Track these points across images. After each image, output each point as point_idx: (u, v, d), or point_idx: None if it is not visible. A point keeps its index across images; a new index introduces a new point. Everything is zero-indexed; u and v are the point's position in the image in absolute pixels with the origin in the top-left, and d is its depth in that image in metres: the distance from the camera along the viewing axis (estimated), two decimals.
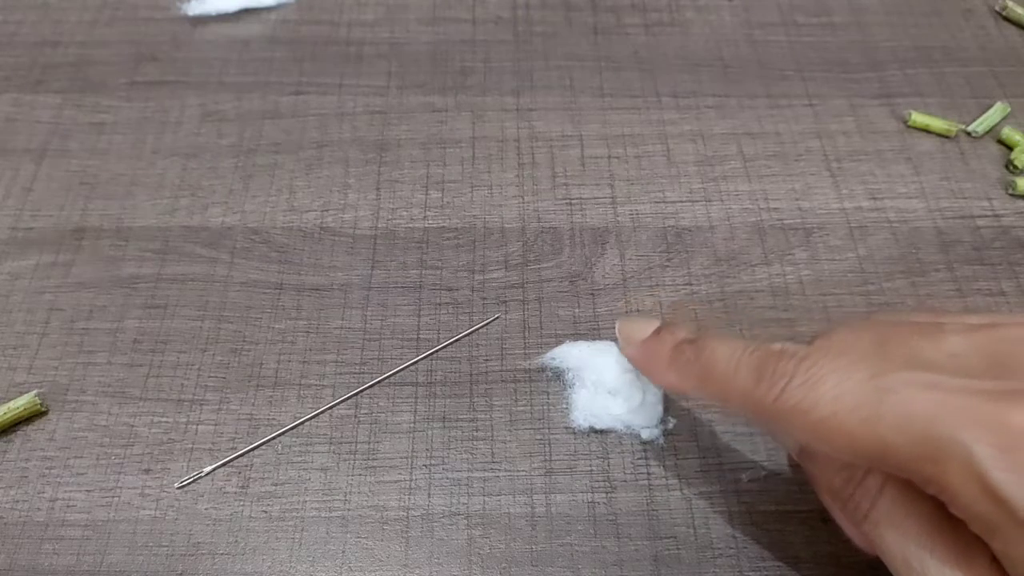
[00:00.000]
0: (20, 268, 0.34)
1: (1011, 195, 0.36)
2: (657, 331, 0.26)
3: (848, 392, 0.20)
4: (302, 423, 0.30)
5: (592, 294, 0.33)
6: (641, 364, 0.27)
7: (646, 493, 0.28)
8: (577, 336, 0.32)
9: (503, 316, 0.32)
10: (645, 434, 0.29)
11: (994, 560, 0.19)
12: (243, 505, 0.28)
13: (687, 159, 0.37)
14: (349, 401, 0.30)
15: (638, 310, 0.32)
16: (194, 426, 0.29)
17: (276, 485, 0.28)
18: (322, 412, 0.30)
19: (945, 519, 0.20)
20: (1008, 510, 0.17)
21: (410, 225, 0.35)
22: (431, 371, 0.31)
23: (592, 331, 0.32)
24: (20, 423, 0.29)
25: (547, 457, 0.29)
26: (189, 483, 0.28)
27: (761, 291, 0.33)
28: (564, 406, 0.30)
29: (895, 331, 0.23)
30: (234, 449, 0.29)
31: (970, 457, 0.18)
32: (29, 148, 0.37)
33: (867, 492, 0.21)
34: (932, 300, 0.33)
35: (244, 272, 0.33)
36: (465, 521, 0.28)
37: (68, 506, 0.28)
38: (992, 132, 0.38)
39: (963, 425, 0.18)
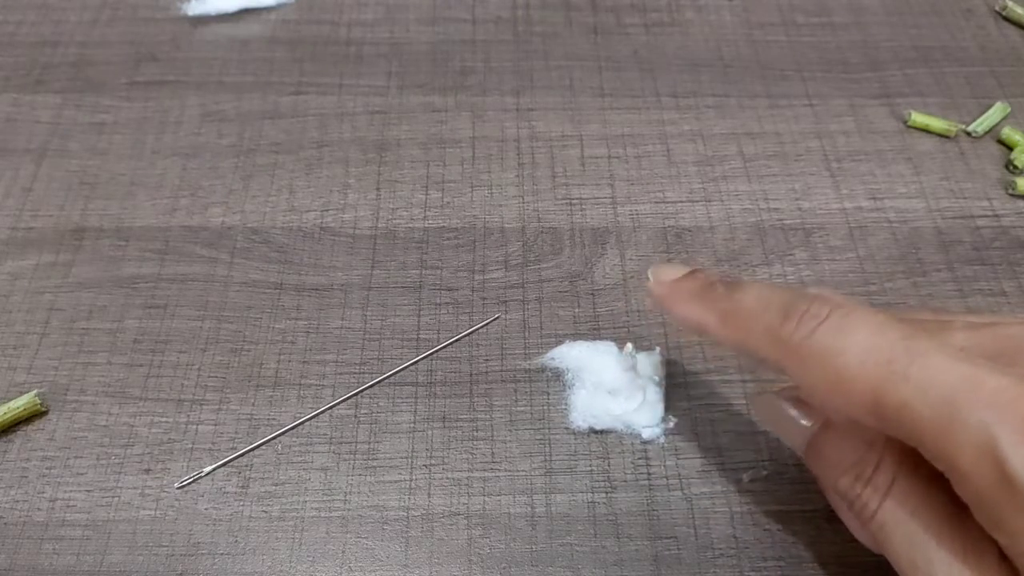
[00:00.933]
0: (20, 268, 0.34)
1: (1011, 195, 0.36)
2: (691, 272, 0.25)
3: (880, 345, 0.19)
4: (302, 423, 0.30)
5: (592, 294, 0.33)
6: (666, 297, 0.26)
7: (646, 493, 0.28)
8: (577, 336, 0.32)
9: (503, 316, 0.32)
10: (645, 434, 0.29)
11: (1001, 558, 0.19)
12: (243, 505, 0.28)
13: (687, 159, 0.37)
14: (349, 401, 0.30)
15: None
16: (194, 426, 0.29)
17: (276, 485, 0.28)
18: (322, 412, 0.30)
19: (952, 518, 0.20)
20: (1019, 499, 0.17)
21: (410, 225, 0.35)
22: (431, 371, 0.31)
23: (592, 331, 0.32)
24: (20, 423, 0.29)
25: (547, 457, 0.29)
26: (189, 483, 0.28)
27: None
28: (564, 406, 0.30)
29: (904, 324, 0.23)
30: (234, 449, 0.29)
31: (989, 438, 0.17)
32: (29, 148, 0.37)
33: (875, 491, 0.21)
34: (933, 300, 0.33)
35: (244, 272, 0.33)
36: (465, 521, 0.28)
37: (68, 506, 0.28)
38: (992, 132, 0.38)
39: (988, 403, 0.18)
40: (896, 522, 0.20)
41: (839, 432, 0.23)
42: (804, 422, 0.24)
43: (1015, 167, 0.37)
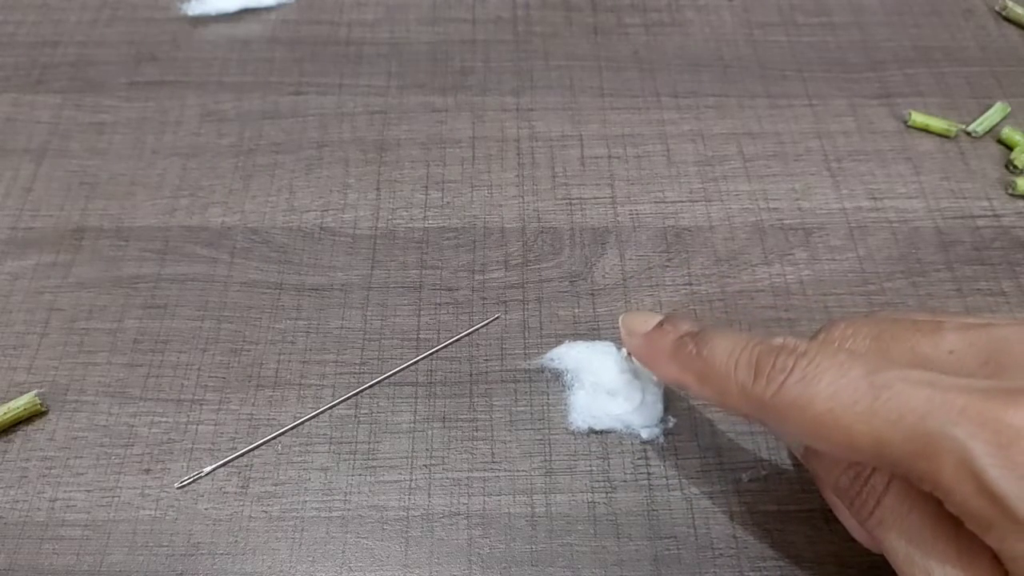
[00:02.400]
0: (20, 268, 0.34)
1: (1011, 195, 0.36)
2: (660, 324, 0.26)
3: (844, 388, 0.20)
4: (302, 423, 0.30)
5: (592, 294, 0.33)
6: (643, 356, 0.27)
7: (646, 493, 0.28)
8: (577, 336, 0.32)
9: (503, 316, 0.32)
10: (645, 434, 0.29)
11: (995, 560, 0.19)
12: (243, 505, 0.28)
13: (687, 159, 0.37)
14: (349, 401, 0.30)
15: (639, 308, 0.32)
16: (194, 426, 0.29)
17: (276, 485, 0.28)
18: (322, 412, 0.30)
19: (948, 517, 0.20)
20: (1003, 507, 0.17)
21: (410, 225, 0.35)
22: (431, 371, 0.31)
23: (592, 331, 0.32)
24: (20, 423, 0.29)
25: (547, 457, 0.29)
26: (189, 483, 0.28)
27: (761, 291, 0.33)
28: (563, 407, 0.30)
29: (894, 327, 0.23)
30: (234, 449, 0.29)
31: (965, 453, 0.18)
32: (29, 148, 0.37)
33: (873, 491, 0.21)
34: (932, 300, 0.33)
35: (244, 272, 0.33)
36: (465, 521, 0.28)
37: (68, 506, 0.28)
38: (992, 132, 0.38)
39: (957, 421, 0.18)
40: (894, 519, 0.21)
41: None
42: None
43: (1015, 167, 0.37)
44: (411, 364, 0.31)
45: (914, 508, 0.20)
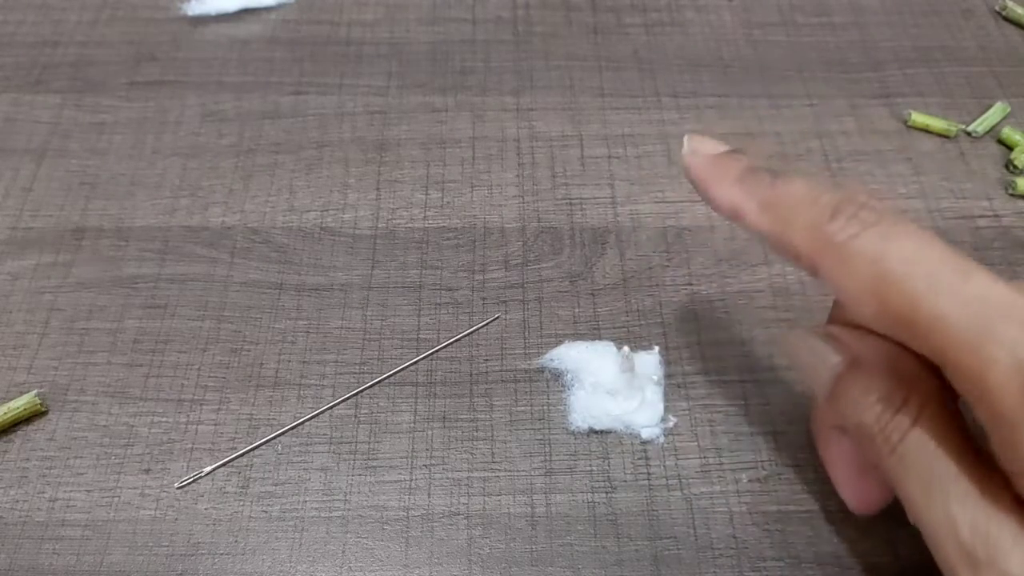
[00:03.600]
0: (20, 268, 0.34)
1: (1011, 195, 0.36)
2: (733, 151, 0.25)
3: (926, 257, 0.20)
4: (302, 423, 0.30)
5: (592, 294, 0.33)
6: (705, 175, 0.25)
7: (646, 493, 0.28)
8: (577, 336, 0.32)
9: (503, 316, 0.32)
10: (645, 433, 0.29)
11: (1015, 502, 0.19)
12: (243, 505, 0.28)
13: None
14: (349, 401, 0.30)
15: (638, 311, 0.32)
16: (194, 426, 0.29)
17: (276, 485, 0.28)
18: (322, 412, 0.30)
19: (973, 457, 0.20)
20: None
21: (410, 225, 0.35)
22: (431, 371, 0.31)
23: (592, 331, 0.32)
24: (20, 423, 0.29)
25: (547, 457, 0.29)
26: (189, 483, 0.28)
27: (761, 291, 0.33)
28: (563, 407, 0.30)
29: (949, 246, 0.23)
30: (234, 449, 0.29)
31: (1021, 356, 0.17)
32: (29, 148, 0.37)
33: (899, 425, 0.21)
34: None
35: (244, 272, 0.33)
36: (465, 521, 0.28)
37: (68, 506, 0.28)
38: (992, 132, 0.38)
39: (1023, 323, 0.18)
40: (918, 453, 0.20)
41: (868, 368, 0.22)
42: (833, 358, 0.23)
43: (1015, 167, 0.37)
44: (411, 364, 0.31)
45: (941, 444, 0.20)
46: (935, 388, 0.21)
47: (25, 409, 0.29)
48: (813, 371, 0.24)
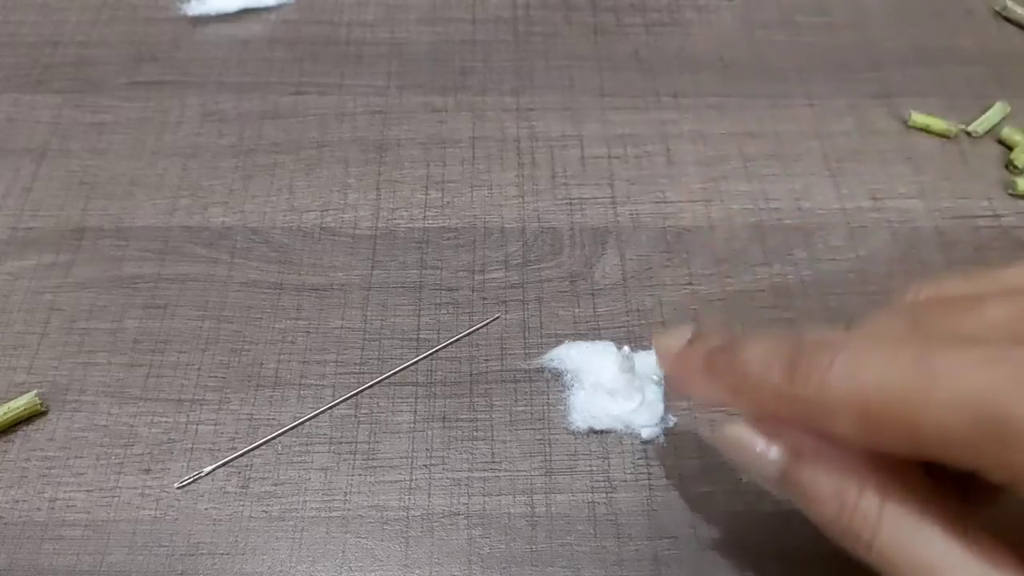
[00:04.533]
0: (20, 268, 0.34)
1: (1011, 195, 0.36)
2: (690, 341, 0.24)
3: (895, 376, 0.18)
4: (302, 423, 0.30)
5: (592, 294, 0.33)
6: (675, 374, 0.25)
7: (646, 493, 0.28)
8: (577, 336, 0.32)
9: (503, 316, 0.32)
10: (645, 433, 0.29)
11: (1021, 564, 0.18)
12: (243, 505, 0.28)
13: (687, 159, 0.37)
14: (349, 401, 0.30)
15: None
16: (194, 426, 0.29)
17: (276, 485, 0.28)
18: (322, 412, 0.30)
19: (962, 533, 0.19)
20: None
21: (410, 225, 0.35)
22: (431, 371, 0.31)
23: (592, 331, 0.32)
24: (20, 423, 0.29)
25: (547, 457, 0.29)
26: (189, 483, 0.28)
27: (761, 291, 0.33)
28: (563, 407, 0.30)
29: (930, 310, 0.21)
30: (234, 449, 0.29)
31: None
32: (29, 148, 0.37)
33: (865, 519, 0.19)
34: None
35: (244, 272, 0.33)
36: (465, 521, 0.28)
37: (68, 506, 0.28)
38: (992, 132, 0.38)
39: None
40: (897, 547, 0.19)
41: (813, 461, 0.21)
42: (772, 455, 0.22)
43: (1015, 167, 0.37)
44: (411, 364, 0.31)
45: (919, 531, 0.19)
46: (895, 466, 0.19)
47: (25, 409, 0.29)
48: (757, 470, 0.22)
